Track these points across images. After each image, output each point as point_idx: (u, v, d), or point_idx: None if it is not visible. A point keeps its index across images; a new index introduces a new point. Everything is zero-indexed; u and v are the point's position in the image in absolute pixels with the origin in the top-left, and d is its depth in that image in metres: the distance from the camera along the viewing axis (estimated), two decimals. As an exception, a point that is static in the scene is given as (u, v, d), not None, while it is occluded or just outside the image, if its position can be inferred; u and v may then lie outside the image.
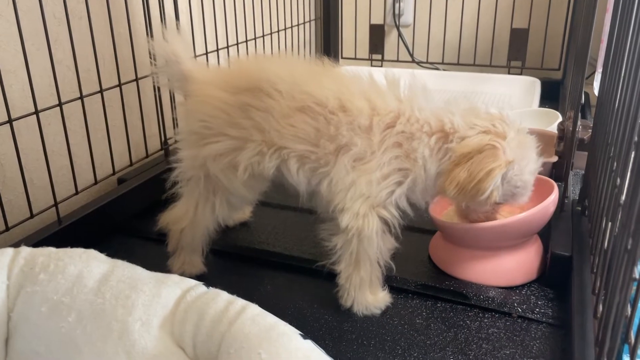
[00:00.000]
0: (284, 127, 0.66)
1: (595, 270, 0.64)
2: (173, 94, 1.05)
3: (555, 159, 0.90)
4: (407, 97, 0.67)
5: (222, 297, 0.49)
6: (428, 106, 0.66)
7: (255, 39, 1.39)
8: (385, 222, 0.66)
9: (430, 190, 0.67)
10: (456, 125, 0.64)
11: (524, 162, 0.65)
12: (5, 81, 0.74)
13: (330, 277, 0.70)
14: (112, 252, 0.55)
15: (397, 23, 1.76)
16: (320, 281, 0.73)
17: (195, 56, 1.12)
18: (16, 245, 0.57)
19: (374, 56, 1.78)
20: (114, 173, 0.96)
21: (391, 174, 0.65)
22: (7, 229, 0.75)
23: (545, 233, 0.79)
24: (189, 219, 0.74)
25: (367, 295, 0.69)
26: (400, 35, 1.77)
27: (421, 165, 0.65)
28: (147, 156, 1.04)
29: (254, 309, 0.48)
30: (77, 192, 0.87)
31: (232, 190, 0.72)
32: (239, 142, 0.68)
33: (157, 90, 1.03)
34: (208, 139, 0.69)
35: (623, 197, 0.53)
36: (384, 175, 0.64)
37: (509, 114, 0.68)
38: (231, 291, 0.51)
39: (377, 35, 1.77)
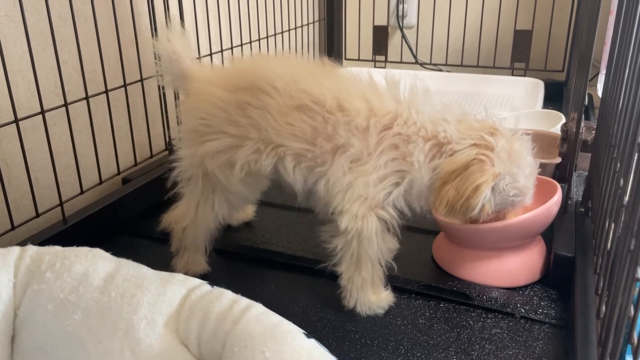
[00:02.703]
0: (281, 125, 0.66)
1: (598, 271, 0.64)
2: (178, 95, 1.05)
3: (558, 160, 0.90)
4: (406, 99, 0.67)
5: (226, 296, 0.49)
6: (426, 110, 0.66)
7: (259, 40, 1.40)
8: (384, 222, 0.66)
9: (425, 195, 0.67)
10: (449, 135, 0.64)
11: (516, 169, 0.65)
12: (12, 81, 0.74)
13: (334, 277, 0.70)
14: (117, 251, 0.56)
15: (401, 24, 1.76)
16: (323, 281, 0.73)
17: (200, 57, 1.13)
18: (22, 244, 0.57)
19: (378, 57, 1.78)
20: (118, 173, 0.96)
21: (388, 176, 0.65)
22: (13, 228, 0.76)
23: (549, 234, 0.79)
24: (190, 217, 0.75)
25: (370, 295, 0.69)
26: (403, 36, 1.77)
27: (417, 168, 0.64)
28: (151, 156, 1.04)
29: (258, 308, 0.48)
30: (82, 192, 0.87)
31: (230, 188, 0.72)
32: (237, 140, 0.69)
33: (161, 90, 1.03)
34: (206, 136, 0.70)
35: (626, 198, 0.53)
36: (381, 177, 0.64)
37: (503, 117, 0.68)
38: (235, 290, 0.51)
39: (380, 36, 1.77)
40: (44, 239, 0.77)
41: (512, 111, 1.32)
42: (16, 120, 0.74)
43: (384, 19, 1.76)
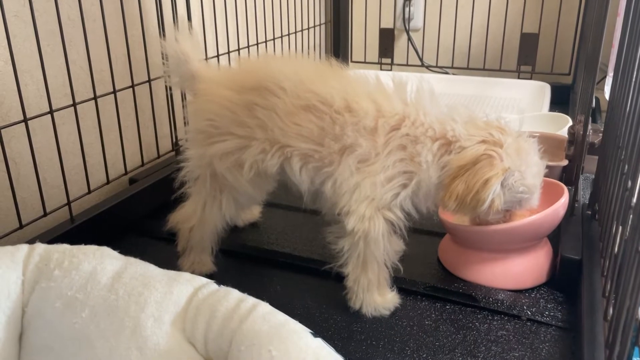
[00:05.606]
0: (288, 125, 0.66)
1: (605, 274, 0.64)
2: (184, 95, 1.06)
3: (565, 162, 0.89)
4: (413, 100, 0.67)
5: (233, 295, 0.50)
6: (433, 111, 0.66)
7: (265, 41, 1.40)
8: (391, 224, 0.66)
9: (432, 196, 0.67)
10: (457, 133, 0.64)
11: (524, 167, 0.65)
12: (21, 81, 0.75)
13: (339, 277, 0.70)
14: (123, 251, 0.56)
15: (407, 27, 1.76)
16: (329, 282, 0.73)
17: (207, 58, 1.13)
18: (30, 242, 0.58)
19: (384, 60, 1.79)
20: (125, 173, 0.97)
21: (396, 177, 0.65)
22: (21, 226, 0.76)
23: (555, 236, 0.79)
24: (197, 218, 0.75)
25: (375, 296, 0.69)
26: (410, 39, 1.77)
27: (425, 169, 0.65)
28: (158, 157, 1.05)
29: (264, 307, 0.48)
30: (89, 192, 0.88)
31: (239, 188, 0.72)
32: (245, 141, 0.69)
33: (169, 91, 1.04)
34: (214, 137, 0.70)
35: (634, 200, 0.53)
36: (388, 177, 0.64)
37: (509, 119, 0.68)
38: (241, 291, 0.51)
39: (386, 39, 1.78)
40: (52, 238, 0.77)
41: (519, 114, 1.32)
42: (25, 120, 0.74)
43: (390, 21, 1.76)
